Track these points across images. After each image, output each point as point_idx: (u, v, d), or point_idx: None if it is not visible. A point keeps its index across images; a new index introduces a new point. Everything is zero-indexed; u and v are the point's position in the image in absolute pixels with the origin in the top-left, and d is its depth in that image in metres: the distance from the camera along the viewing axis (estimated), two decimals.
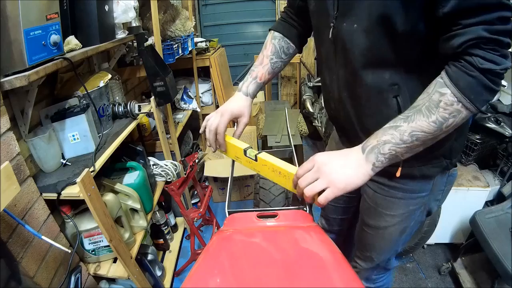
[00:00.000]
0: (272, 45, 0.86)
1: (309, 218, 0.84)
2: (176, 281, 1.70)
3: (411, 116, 0.54)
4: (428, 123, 0.53)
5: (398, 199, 0.77)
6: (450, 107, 0.51)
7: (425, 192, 0.76)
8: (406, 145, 0.55)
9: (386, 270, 1.00)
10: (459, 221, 1.65)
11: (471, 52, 0.49)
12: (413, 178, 0.73)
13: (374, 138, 0.57)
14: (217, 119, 0.81)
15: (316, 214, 1.97)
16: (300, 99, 3.37)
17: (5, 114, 0.84)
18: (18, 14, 0.77)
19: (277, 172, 0.72)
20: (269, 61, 0.85)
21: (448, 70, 0.52)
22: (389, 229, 0.83)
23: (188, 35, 2.05)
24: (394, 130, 0.55)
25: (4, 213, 0.76)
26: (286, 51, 0.87)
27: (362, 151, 0.58)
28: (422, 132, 0.53)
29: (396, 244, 0.89)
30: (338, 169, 0.57)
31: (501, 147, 1.56)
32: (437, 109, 0.52)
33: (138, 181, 1.35)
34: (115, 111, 1.34)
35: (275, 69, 0.87)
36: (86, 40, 1.09)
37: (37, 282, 0.90)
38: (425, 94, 0.55)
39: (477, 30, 0.47)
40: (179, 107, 2.25)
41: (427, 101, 0.53)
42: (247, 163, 0.80)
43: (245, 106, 0.84)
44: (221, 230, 0.82)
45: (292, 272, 0.61)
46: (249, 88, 0.85)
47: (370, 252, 0.92)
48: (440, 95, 0.52)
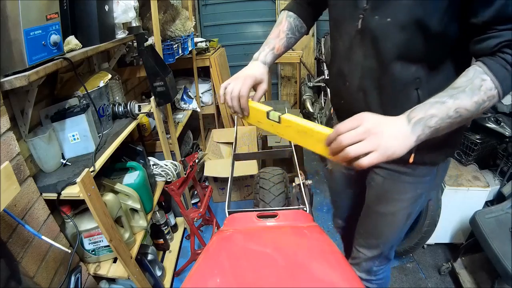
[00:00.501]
0: (288, 22, 0.90)
1: (309, 218, 0.84)
2: (176, 281, 1.70)
3: (456, 95, 0.58)
4: (471, 102, 0.58)
5: (408, 184, 0.82)
6: (489, 91, 0.58)
7: (430, 177, 0.83)
8: (450, 121, 0.58)
9: (387, 261, 1.03)
10: (459, 221, 1.65)
11: (505, 51, 0.58)
12: (423, 164, 0.79)
13: (421, 111, 0.58)
14: (239, 84, 0.79)
15: (316, 214, 1.96)
16: (300, 99, 3.37)
17: (5, 114, 0.84)
18: (18, 14, 0.77)
19: (303, 132, 0.67)
20: (285, 36, 0.89)
21: (487, 62, 0.59)
22: (397, 214, 0.88)
23: (188, 35, 2.05)
24: (441, 105, 0.58)
25: (4, 213, 0.76)
26: (300, 30, 0.92)
27: (408, 122, 0.58)
28: (465, 110, 0.58)
29: (402, 230, 0.94)
30: (387, 136, 0.57)
31: (501, 147, 1.56)
32: (479, 91, 0.58)
33: (138, 181, 1.35)
34: (115, 111, 1.34)
35: (289, 44, 0.90)
36: (86, 40, 1.09)
37: (37, 282, 0.90)
38: (465, 77, 0.60)
39: (508, 35, 0.57)
40: (179, 107, 2.25)
41: (470, 84, 0.59)
42: (270, 126, 0.76)
43: (265, 73, 0.84)
44: (221, 230, 0.82)
45: (292, 272, 0.61)
46: (267, 58, 0.86)
47: (377, 239, 0.95)
48: (481, 80, 0.58)
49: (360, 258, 1.01)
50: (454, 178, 1.60)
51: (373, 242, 0.97)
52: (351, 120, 0.59)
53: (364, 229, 0.98)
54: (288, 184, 1.39)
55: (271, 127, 0.76)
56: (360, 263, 1.02)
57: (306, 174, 2.54)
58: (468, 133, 1.58)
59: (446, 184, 1.57)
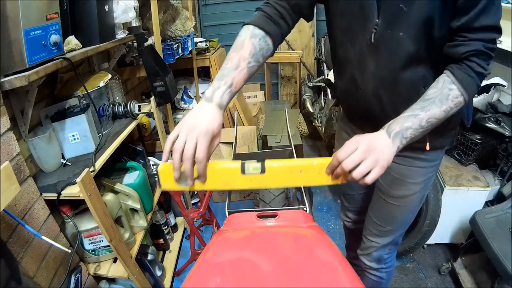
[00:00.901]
0: (252, 46, 0.70)
1: (309, 218, 0.84)
2: (176, 281, 1.70)
3: (427, 107, 0.67)
4: (440, 111, 0.66)
5: (421, 168, 0.89)
6: (456, 99, 0.67)
7: (438, 160, 0.91)
8: (422, 130, 0.67)
9: (396, 246, 1.07)
10: (459, 221, 1.65)
11: (471, 59, 0.65)
12: (434, 149, 0.86)
13: (397, 124, 0.67)
14: (193, 141, 0.60)
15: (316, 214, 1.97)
16: (300, 99, 3.37)
17: (5, 114, 0.84)
18: (18, 14, 0.77)
19: (297, 171, 0.63)
20: (246, 65, 0.69)
21: (454, 72, 0.67)
22: (411, 197, 0.93)
23: (188, 35, 2.05)
24: (414, 118, 0.66)
25: (4, 213, 0.76)
26: (265, 54, 0.73)
27: (388, 136, 0.66)
28: (435, 118, 0.67)
29: (414, 214, 0.99)
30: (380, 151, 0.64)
31: (501, 147, 1.56)
32: (447, 101, 0.67)
33: (138, 181, 1.35)
34: (115, 111, 1.34)
35: (250, 75, 0.72)
36: (86, 40, 1.09)
37: (37, 282, 0.90)
38: (434, 89, 0.68)
39: (478, 45, 0.64)
40: (179, 107, 2.25)
41: (439, 95, 0.67)
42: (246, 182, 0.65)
43: (221, 123, 0.65)
44: (221, 230, 0.82)
45: (292, 272, 0.61)
46: (223, 98, 0.66)
47: (391, 224, 0.99)
48: (448, 90, 0.67)
49: (372, 247, 1.04)
50: (454, 178, 1.60)
51: (387, 229, 0.99)
52: (348, 146, 0.64)
53: (377, 216, 1.01)
54: None
55: (249, 182, 0.65)
56: (371, 253, 1.05)
57: None
58: (468, 133, 1.58)
59: (446, 184, 1.57)
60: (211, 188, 0.68)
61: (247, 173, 0.64)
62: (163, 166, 0.64)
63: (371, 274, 1.10)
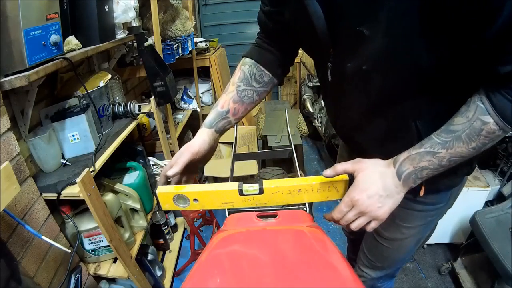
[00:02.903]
0: (241, 72, 0.74)
1: (309, 218, 0.84)
2: (176, 281, 1.70)
3: (450, 142, 0.52)
4: (467, 149, 0.52)
5: (417, 211, 0.74)
6: (492, 134, 0.50)
7: (443, 203, 0.74)
8: (442, 169, 0.55)
9: (392, 278, 0.99)
10: (459, 221, 1.65)
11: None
12: (436, 192, 0.71)
13: (411, 164, 0.55)
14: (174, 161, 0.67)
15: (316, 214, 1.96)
16: (300, 99, 3.37)
17: (5, 114, 0.84)
18: (18, 14, 0.77)
19: (296, 191, 0.63)
20: (235, 88, 0.72)
21: (492, 97, 0.48)
22: (404, 241, 0.81)
23: (188, 35, 2.05)
24: (432, 156, 0.53)
25: (4, 213, 0.76)
26: (259, 79, 0.74)
27: (398, 177, 0.55)
28: (460, 157, 0.53)
29: (409, 254, 0.88)
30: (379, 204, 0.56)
31: (501, 147, 1.56)
32: (478, 137, 0.51)
33: (138, 181, 1.35)
34: (115, 111, 1.34)
35: (243, 98, 0.73)
36: (86, 40, 1.09)
37: (37, 282, 0.90)
38: (464, 118, 0.51)
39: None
40: (179, 107, 2.25)
41: (468, 128, 0.51)
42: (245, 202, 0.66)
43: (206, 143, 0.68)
44: (221, 230, 0.81)
45: (292, 272, 0.61)
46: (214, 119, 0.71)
47: (382, 263, 0.90)
48: (482, 123, 0.50)
49: (362, 277, 0.96)
50: None
51: (378, 265, 0.91)
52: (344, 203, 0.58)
53: (370, 252, 0.92)
54: None
55: (247, 202, 0.66)
56: (364, 281, 0.97)
57: (306, 174, 2.54)
58: None
59: None
60: (210, 208, 0.68)
61: (245, 194, 0.64)
62: (159, 191, 0.66)
63: None
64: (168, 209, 0.68)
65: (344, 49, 0.56)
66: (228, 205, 0.67)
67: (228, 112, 0.72)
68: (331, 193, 0.63)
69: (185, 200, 0.65)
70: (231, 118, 0.73)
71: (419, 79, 0.53)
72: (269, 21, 0.72)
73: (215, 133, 0.71)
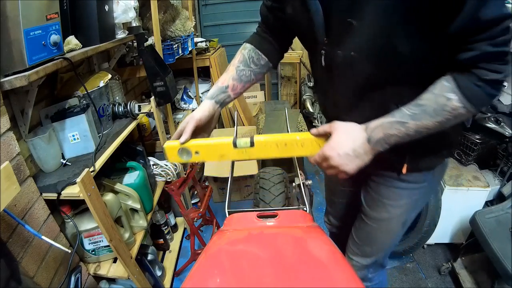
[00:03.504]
0: (241, 55, 0.84)
1: (309, 218, 0.84)
2: (176, 281, 1.70)
3: (418, 115, 0.59)
4: (433, 123, 0.59)
5: (402, 189, 0.80)
6: (455, 111, 0.57)
7: (427, 182, 0.80)
8: (408, 138, 0.61)
9: (382, 268, 1.01)
10: (459, 221, 1.65)
11: (478, 66, 0.54)
12: (418, 171, 0.77)
13: (381, 131, 0.62)
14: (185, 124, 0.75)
15: (316, 214, 1.96)
16: (300, 99, 3.37)
17: (5, 114, 0.84)
18: (18, 14, 0.77)
19: (283, 145, 0.71)
20: (235, 68, 0.82)
21: (457, 78, 0.56)
22: (392, 220, 0.85)
23: (188, 35, 2.05)
24: (401, 126, 0.60)
25: (4, 213, 0.76)
26: (256, 62, 0.84)
27: (369, 142, 0.63)
28: (426, 129, 0.60)
29: (396, 238, 0.92)
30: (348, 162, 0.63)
31: (501, 147, 1.56)
32: (442, 112, 0.57)
33: (138, 181, 1.35)
34: (115, 111, 1.34)
35: (241, 77, 0.82)
36: (86, 40, 1.09)
37: (37, 282, 0.90)
38: (430, 94, 0.59)
39: (481, 47, 0.52)
40: (179, 107, 2.25)
41: (434, 103, 0.58)
42: (238, 154, 0.73)
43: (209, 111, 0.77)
44: (221, 230, 0.82)
45: (292, 272, 0.61)
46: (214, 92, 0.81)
47: (371, 246, 0.93)
48: (446, 99, 0.57)
49: (354, 266, 0.98)
50: (454, 178, 1.60)
51: (367, 249, 0.94)
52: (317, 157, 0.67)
53: (358, 236, 0.96)
54: (288, 184, 1.39)
55: (241, 154, 0.73)
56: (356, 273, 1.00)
57: (306, 174, 2.54)
58: (468, 133, 1.58)
59: (446, 184, 1.57)
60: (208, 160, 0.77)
61: (238, 147, 0.72)
62: (166, 145, 0.75)
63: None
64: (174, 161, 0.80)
65: (336, 38, 0.64)
66: (224, 157, 0.74)
67: (228, 87, 0.81)
68: (313, 148, 0.70)
69: (188, 153, 0.74)
70: (230, 93, 0.81)
71: (399, 66, 0.61)
72: (270, 14, 0.82)
73: (215, 104, 0.79)
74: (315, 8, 0.63)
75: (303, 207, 0.91)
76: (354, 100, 0.70)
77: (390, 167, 0.76)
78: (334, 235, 1.25)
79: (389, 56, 0.60)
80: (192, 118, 0.74)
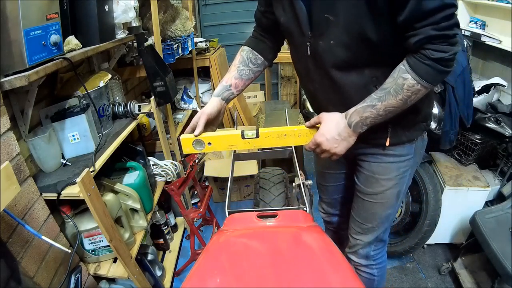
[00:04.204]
0: (240, 56, 0.97)
1: (309, 218, 0.84)
2: (176, 281, 1.70)
3: (383, 97, 0.71)
4: (396, 101, 0.71)
5: (390, 163, 0.91)
6: (412, 88, 0.69)
7: (410, 155, 0.91)
8: (381, 117, 0.74)
9: (383, 243, 1.09)
10: (459, 221, 1.65)
11: (425, 47, 0.65)
12: (401, 143, 0.88)
13: (357, 115, 0.75)
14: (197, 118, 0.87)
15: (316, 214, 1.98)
16: (300, 99, 3.37)
17: (5, 114, 0.84)
18: (18, 14, 0.77)
19: (283, 135, 0.83)
20: (236, 68, 0.95)
21: (409, 60, 0.68)
22: (386, 193, 0.94)
23: (188, 35, 2.05)
24: (372, 108, 0.73)
25: (4, 213, 0.76)
26: (254, 62, 0.96)
27: (349, 126, 0.76)
28: (392, 107, 0.72)
29: (393, 210, 1.00)
30: (336, 145, 0.77)
31: (501, 147, 1.56)
32: (402, 90, 0.69)
33: (138, 181, 1.35)
34: (115, 111, 1.34)
35: (242, 76, 0.95)
36: (86, 40, 1.09)
37: (37, 282, 0.90)
38: (391, 78, 0.71)
39: (426, 31, 0.63)
40: (179, 107, 2.25)
41: (394, 85, 0.70)
42: (245, 144, 0.85)
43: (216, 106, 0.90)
44: (221, 230, 0.82)
45: (292, 272, 0.61)
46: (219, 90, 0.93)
47: (372, 221, 1.01)
48: (403, 79, 0.69)
49: (357, 245, 1.07)
50: (454, 178, 1.60)
51: (368, 226, 1.02)
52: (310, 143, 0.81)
53: (358, 215, 1.03)
54: (288, 184, 1.39)
55: (247, 144, 0.85)
56: (358, 251, 1.08)
57: (306, 174, 2.54)
58: (468, 133, 1.58)
59: (446, 184, 1.57)
60: (219, 150, 0.89)
61: (246, 137, 0.84)
62: (182, 137, 0.85)
63: (361, 271, 1.11)
64: (188, 152, 0.89)
65: (317, 31, 0.76)
66: (233, 147, 0.86)
67: (231, 86, 0.94)
68: (308, 138, 0.82)
69: (201, 144, 0.85)
70: (233, 90, 0.94)
71: (372, 51, 0.72)
72: (263, 18, 0.94)
73: (221, 101, 0.92)
74: (299, 7, 0.75)
75: (303, 207, 0.91)
76: (338, 84, 0.80)
77: (376, 143, 0.88)
78: (328, 224, 1.31)
79: (362, 42, 0.70)
80: (203, 113, 0.86)
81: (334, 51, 0.75)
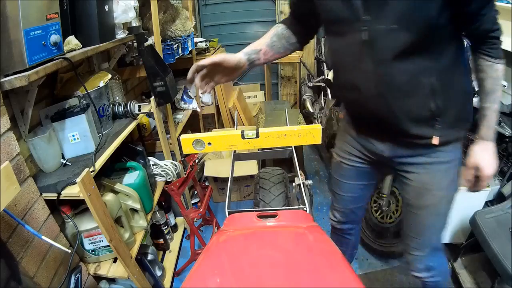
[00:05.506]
0: (275, 30, 0.96)
1: (309, 218, 0.84)
2: (176, 281, 1.70)
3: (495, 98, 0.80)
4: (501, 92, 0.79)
5: (442, 172, 0.88)
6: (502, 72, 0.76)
7: (458, 157, 0.90)
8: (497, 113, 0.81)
9: (439, 251, 1.03)
10: (459, 221, 1.65)
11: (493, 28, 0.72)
12: (449, 143, 0.86)
13: (488, 129, 0.83)
14: None
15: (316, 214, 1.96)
16: (300, 99, 3.36)
17: (5, 114, 0.84)
18: (18, 14, 0.77)
19: (283, 135, 0.82)
20: (270, 37, 0.94)
21: (486, 52, 0.75)
22: (440, 203, 0.91)
23: (188, 35, 2.05)
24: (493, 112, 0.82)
25: (4, 213, 0.76)
26: (288, 39, 0.96)
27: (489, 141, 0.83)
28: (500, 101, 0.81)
29: (447, 218, 0.97)
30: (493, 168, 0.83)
31: (501, 147, 1.56)
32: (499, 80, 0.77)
33: (138, 181, 1.35)
34: (115, 111, 1.34)
35: (273, 47, 0.94)
36: (86, 40, 1.09)
37: (37, 282, 0.90)
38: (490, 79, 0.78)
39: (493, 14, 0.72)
40: (179, 107, 2.25)
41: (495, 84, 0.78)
42: (245, 144, 0.84)
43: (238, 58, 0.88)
44: (221, 230, 0.82)
45: (292, 272, 0.61)
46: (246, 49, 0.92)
47: (427, 234, 0.97)
48: (496, 71, 0.76)
49: (415, 261, 1.02)
50: None
51: (424, 239, 0.98)
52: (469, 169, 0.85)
53: (412, 230, 0.99)
54: (288, 184, 1.39)
55: (247, 144, 0.84)
56: (417, 266, 1.02)
57: (306, 174, 2.54)
58: (468, 133, 1.57)
59: None
60: (220, 150, 0.87)
61: (246, 137, 0.83)
62: (183, 137, 0.84)
63: (426, 282, 1.06)
64: (188, 152, 0.88)
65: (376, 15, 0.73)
66: (233, 147, 0.85)
67: (260, 50, 0.93)
68: (308, 138, 0.82)
69: (202, 144, 0.84)
70: (261, 55, 0.93)
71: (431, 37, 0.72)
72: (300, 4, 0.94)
73: (246, 58, 0.90)
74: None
75: (303, 207, 0.91)
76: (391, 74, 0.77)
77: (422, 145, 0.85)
78: (338, 231, 1.27)
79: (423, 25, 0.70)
80: (220, 55, 0.83)
81: (396, 35, 0.71)
